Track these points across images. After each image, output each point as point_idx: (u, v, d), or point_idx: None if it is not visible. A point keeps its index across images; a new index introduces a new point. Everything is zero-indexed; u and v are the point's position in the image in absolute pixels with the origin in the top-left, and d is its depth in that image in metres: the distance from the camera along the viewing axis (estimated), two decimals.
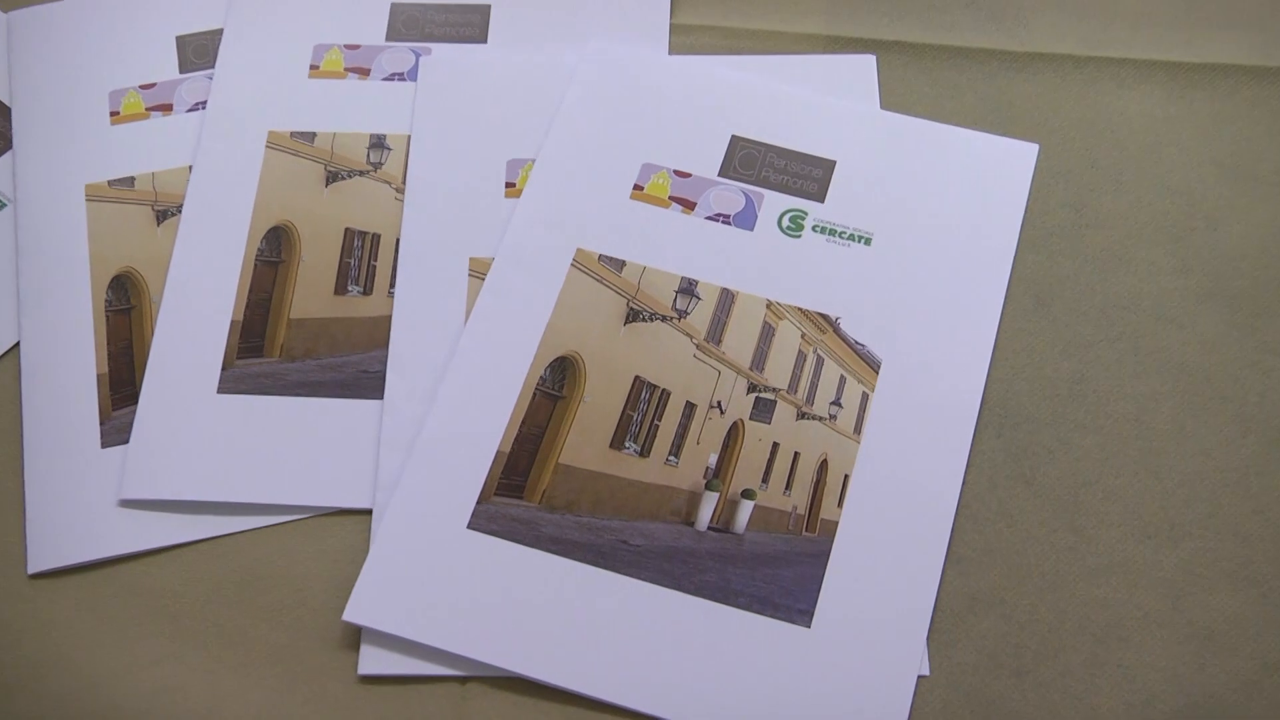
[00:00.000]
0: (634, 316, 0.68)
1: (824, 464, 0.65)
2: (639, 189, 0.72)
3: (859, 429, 0.65)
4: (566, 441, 0.65)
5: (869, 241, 0.70)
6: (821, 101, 0.74)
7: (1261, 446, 0.65)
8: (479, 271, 0.70)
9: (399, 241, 0.71)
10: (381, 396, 0.67)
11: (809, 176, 0.72)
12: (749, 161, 0.72)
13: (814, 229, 0.70)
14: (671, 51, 0.77)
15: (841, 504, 0.64)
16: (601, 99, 0.74)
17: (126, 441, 0.66)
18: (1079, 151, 0.73)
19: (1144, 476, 0.65)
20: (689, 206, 0.71)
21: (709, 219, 0.71)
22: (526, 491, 0.64)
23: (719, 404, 0.67)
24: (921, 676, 0.60)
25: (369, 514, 0.64)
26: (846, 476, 0.64)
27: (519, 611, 0.61)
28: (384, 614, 0.61)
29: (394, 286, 0.70)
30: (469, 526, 0.63)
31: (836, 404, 0.66)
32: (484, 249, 0.70)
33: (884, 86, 0.75)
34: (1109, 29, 0.77)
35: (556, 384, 0.67)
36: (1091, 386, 0.67)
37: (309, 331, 0.70)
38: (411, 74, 0.76)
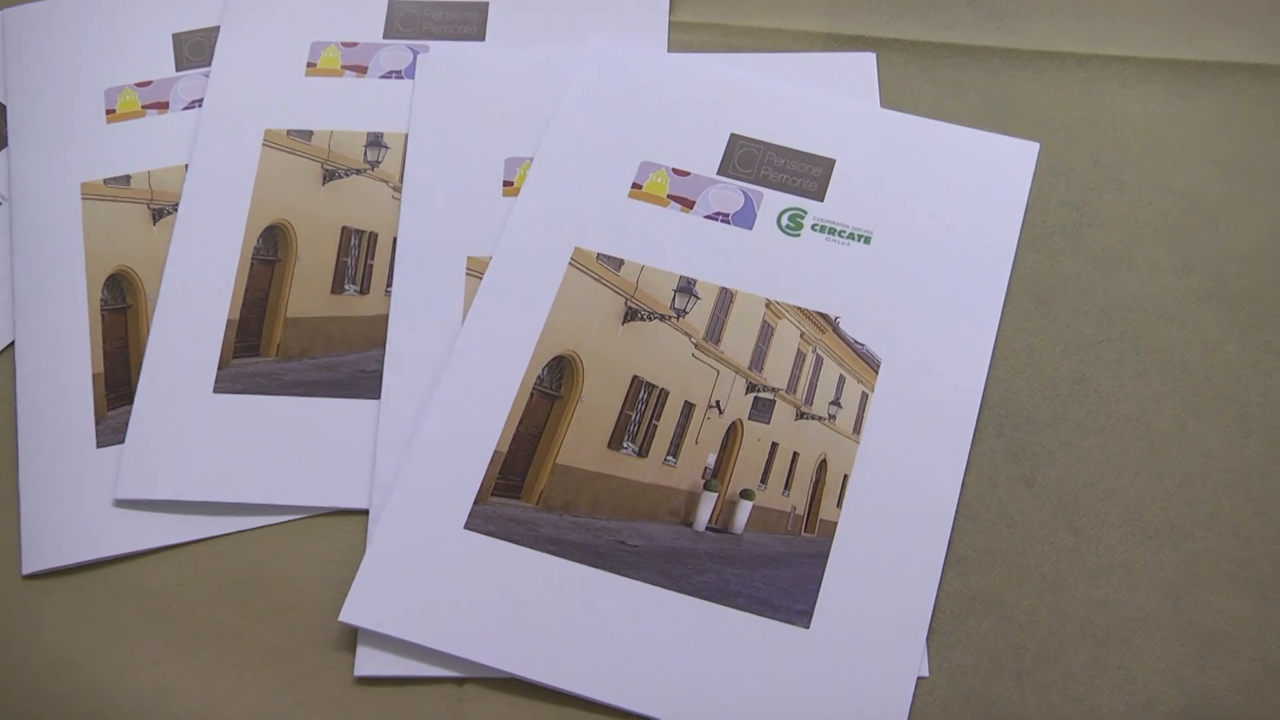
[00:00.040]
0: (632, 316, 0.68)
1: (823, 464, 0.65)
2: (637, 187, 0.71)
3: (858, 429, 0.65)
4: (564, 441, 0.65)
5: (869, 240, 0.70)
6: (821, 100, 0.74)
7: (1263, 447, 0.65)
8: (476, 270, 0.69)
9: (396, 240, 0.71)
10: (378, 396, 0.67)
11: (808, 175, 0.71)
12: (748, 160, 0.72)
13: (813, 228, 0.70)
14: (670, 49, 0.77)
15: (841, 504, 0.63)
16: (600, 97, 0.74)
17: (122, 441, 0.66)
18: (1080, 150, 0.73)
19: (1145, 477, 0.65)
20: (688, 205, 0.71)
21: (708, 218, 0.71)
22: (524, 492, 0.64)
23: (717, 404, 0.66)
24: (921, 678, 0.60)
25: (366, 514, 0.64)
26: (846, 477, 0.64)
27: (516, 612, 0.61)
28: (381, 615, 0.60)
29: (391, 285, 0.70)
30: (466, 527, 0.63)
31: (836, 404, 0.66)
32: (482, 248, 0.70)
33: (884, 84, 0.75)
34: (1111, 26, 0.77)
35: (554, 383, 0.66)
36: (1092, 386, 0.67)
37: (306, 331, 0.69)
38: (409, 72, 0.76)
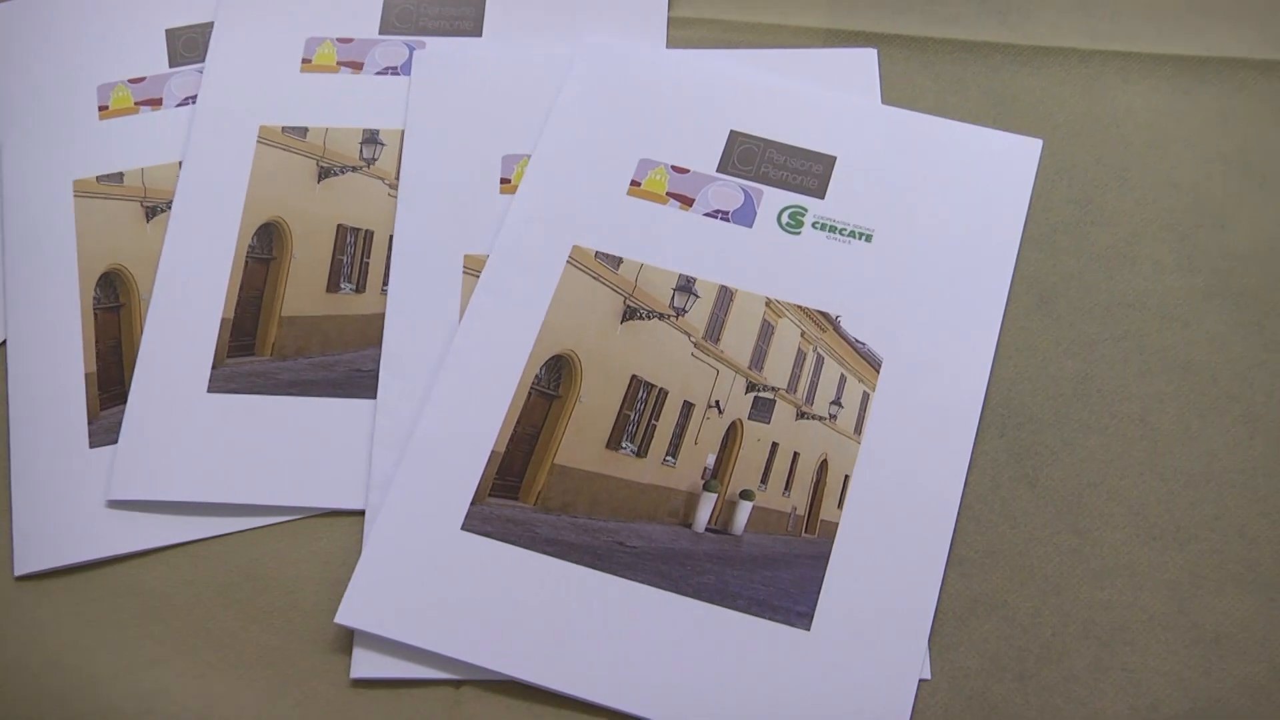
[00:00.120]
0: (631, 314, 0.68)
1: (824, 464, 0.65)
2: (636, 185, 0.71)
3: (859, 429, 0.65)
4: (562, 441, 0.65)
5: (870, 238, 0.69)
6: (822, 96, 0.74)
7: (1269, 447, 0.65)
8: (473, 269, 0.69)
9: (392, 238, 0.71)
10: (374, 396, 0.67)
11: (809, 172, 0.71)
12: (748, 157, 0.72)
13: (814, 225, 0.70)
14: (669, 45, 0.77)
15: (841, 505, 0.63)
16: (598, 93, 0.74)
17: (115, 441, 0.66)
18: (1083, 147, 0.73)
19: (1149, 477, 0.64)
20: (687, 203, 0.71)
21: (707, 215, 0.70)
22: (521, 492, 0.64)
23: (717, 403, 0.66)
24: (922, 680, 0.60)
25: (362, 515, 0.64)
26: (847, 477, 0.64)
27: (514, 614, 0.60)
28: (377, 616, 0.60)
29: (387, 284, 0.70)
30: (463, 528, 0.62)
31: (836, 403, 0.66)
32: (479, 246, 0.70)
33: (885, 81, 0.75)
34: (1114, 22, 0.77)
35: (552, 383, 0.66)
36: (1096, 386, 0.67)
37: (301, 330, 0.69)
38: (405, 68, 0.76)
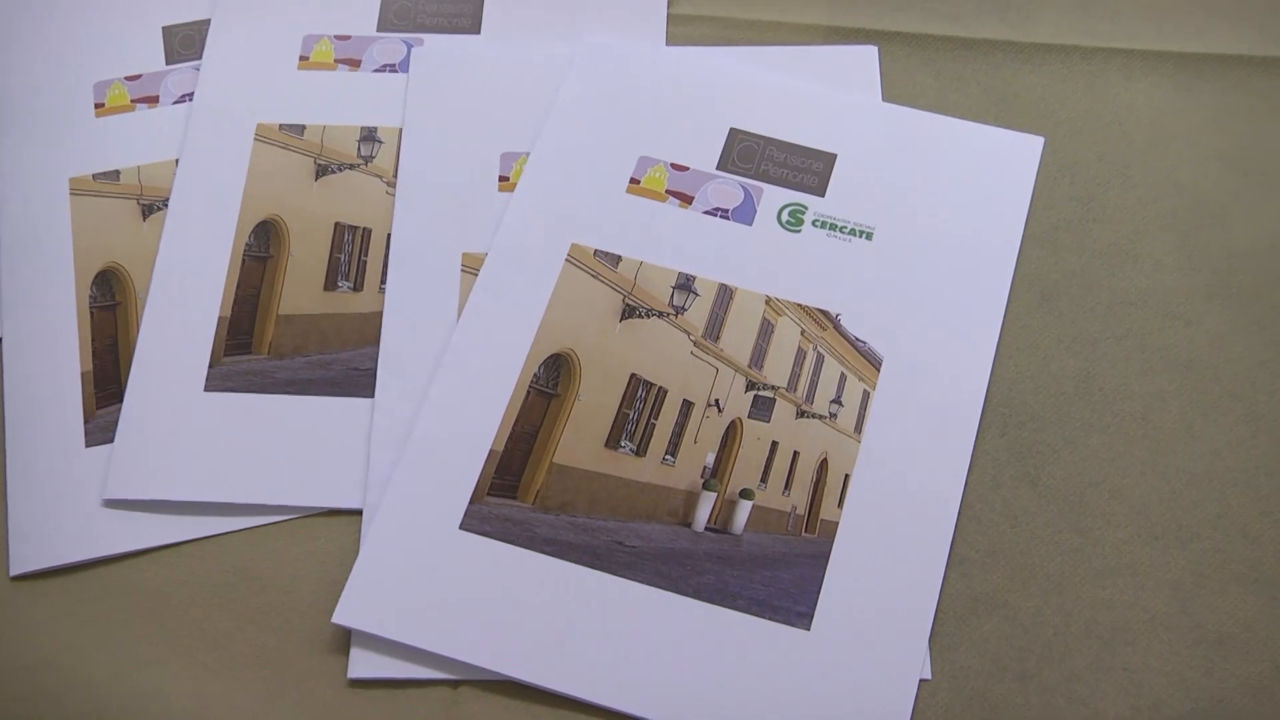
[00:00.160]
0: (630, 313, 0.68)
1: (824, 463, 0.64)
2: (635, 182, 0.71)
3: (860, 428, 0.65)
4: (561, 440, 0.65)
5: (870, 236, 0.69)
6: (822, 93, 0.74)
7: (1271, 446, 0.65)
8: (472, 267, 0.69)
9: (390, 236, 0.70)
10: (372, 394, 0.67)
11: (809, 170, 0.71)
12: (748, 154, 0.72)
13: (814, 223, 0.70)
14: (669, 42, 0.77)
15: (842, 504, 0.63)
16: (597, 91, 0.73)
17: (111, 440, 0.66)
18: (1085, 144, 0.73)
19: (1151, 476, 0.64)
20: (686, 200, 0.70)
21: (707, 213, 0.70)
22: (520, 492, 0.63)
23: (717, 402, 0.66)
24: (923, 680, 0.60)
25: (359, 514, 0.64)
26: (847, 476, 0.64)
27: (512, 614, 0.60)
28: (374, 616, 0.60)
29: (385, 282, 0.69)
30: (461, 527, 0.62)
31: (837, 402, 0.66)
32: (477, 244, 0.70)
33: (886, 78, 0.75)
34: (1116, 19, 0.77)
35: (551, 382, 0.66)
36: (1098, 384, 0.66)
37: (298, 328, 0.69)
38: (403, 65, 0.76)
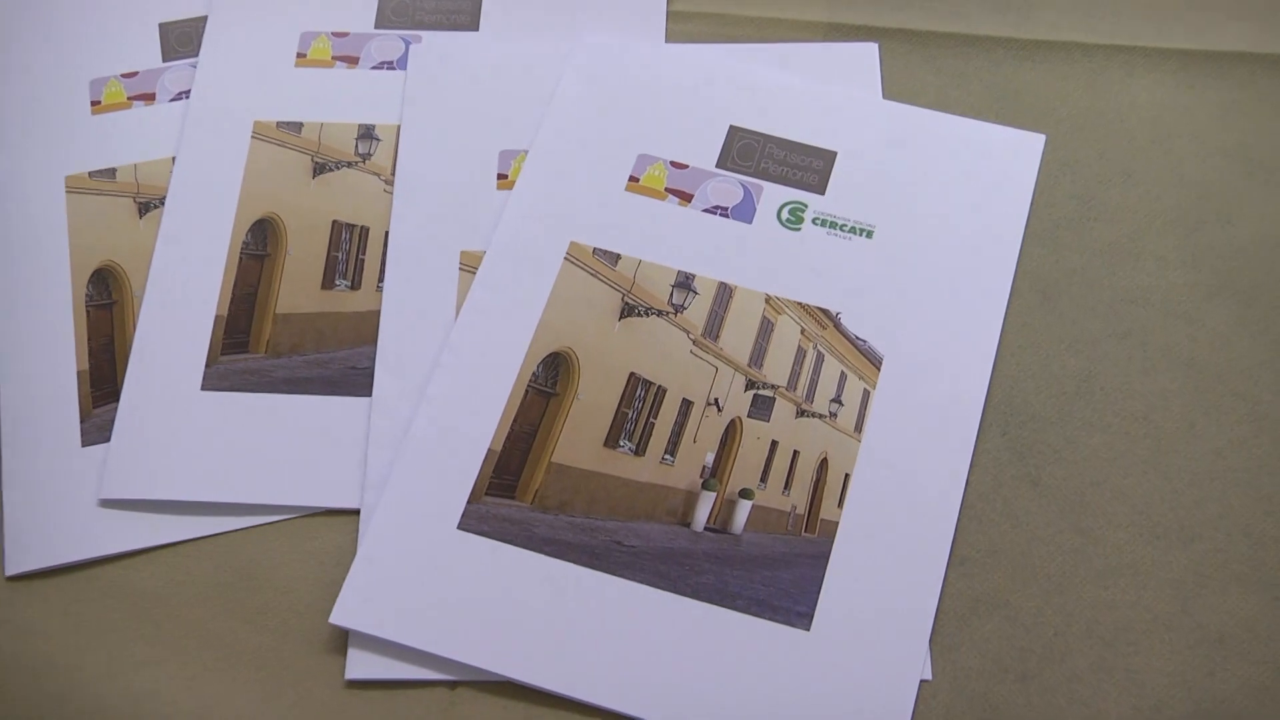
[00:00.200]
0: (629, 311, 0.67)
1: (824, 463, 0.64)
2: (634, 180, 0.71)
3: (860, 427, 0.64)
4: (559, 440, 0.64)
5: (870, 234, 0.69)
6: (822, 91, 0.73)
7: (1274, 445, 0.65)
8: (470, 265, 0.69)
9: (388, 234, 0.70)
10: (370, 393, 0.66)
11: (809, 168, 0.71)
12: (747, 152, 0.71)
13: (814, 221, 0.69)
14: (668, 39, 0.77)
15: (842, 504, 0.63)
16: (596, 88, 0.73)
17: (108, 440, 0.66)
18: (1087, 142, 0.73)
19: (1153, 476, 0.64)
20: (686, 198, 0.70)
21: (706, 211, 0.70)
22: (518, 491, 0.63)
23: (716, 401, 0.66)
24: (924, 680, 0.60)
25: (357, 514, 0.64)
26: (847, 476, 0.64)
27: (510, 614, 0.60)
28: (372, 617, 0.60)
29: (383, 281, 0.69)
30: (459, 527, 0.62)
31: (837, 401, 0.65)
32: (475, 242, 0.69)
33: (886, 75, 0.75)
34: (1118, 16, 0.77)
35: (549, 381, 0.66)
36: (1099, 384, 0.66)
37: (295, 327, 0.69)
38: (401, 63, 0.75)
